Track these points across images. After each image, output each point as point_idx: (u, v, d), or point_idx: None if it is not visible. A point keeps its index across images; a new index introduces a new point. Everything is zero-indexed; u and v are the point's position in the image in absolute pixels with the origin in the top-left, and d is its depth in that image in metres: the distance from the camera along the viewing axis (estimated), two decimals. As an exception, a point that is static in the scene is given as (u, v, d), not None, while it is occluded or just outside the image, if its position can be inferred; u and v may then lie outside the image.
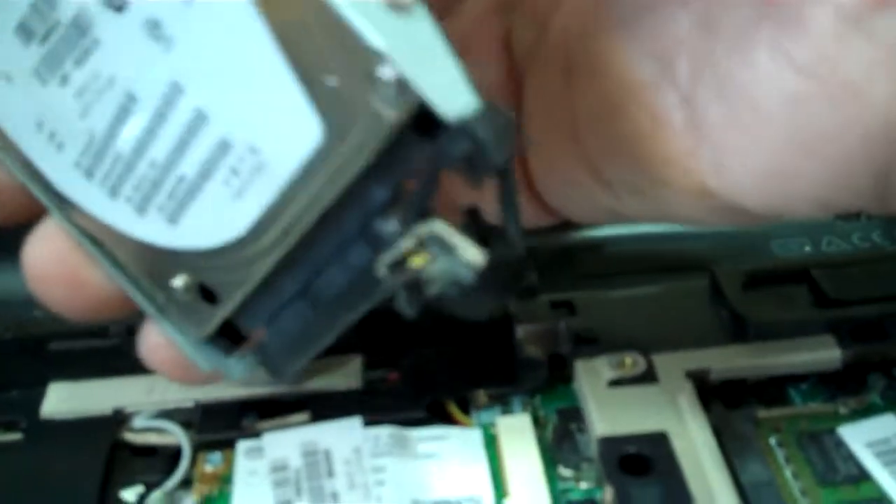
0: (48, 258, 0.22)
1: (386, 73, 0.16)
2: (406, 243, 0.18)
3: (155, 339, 0.22)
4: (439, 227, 0.17)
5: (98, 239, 0.21)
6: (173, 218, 0.20)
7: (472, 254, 0.17)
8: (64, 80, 0.19)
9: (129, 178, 0.20)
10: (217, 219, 0.19)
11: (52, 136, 0.20)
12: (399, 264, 0.18)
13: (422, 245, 0.17)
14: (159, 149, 0.19)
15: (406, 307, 0.18)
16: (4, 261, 0.34)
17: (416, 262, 0.17)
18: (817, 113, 0.18)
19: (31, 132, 0.20)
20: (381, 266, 0.18)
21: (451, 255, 0.17)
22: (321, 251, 0.19)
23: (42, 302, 0.22)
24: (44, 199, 0.21)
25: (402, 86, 0.16)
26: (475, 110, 0.16)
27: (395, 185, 0.18)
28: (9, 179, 0.21)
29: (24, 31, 0.19)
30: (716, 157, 0.20)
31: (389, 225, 0.18)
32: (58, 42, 0.19)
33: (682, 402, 0.27)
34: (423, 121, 0.16)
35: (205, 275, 0.20)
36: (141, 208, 0.20)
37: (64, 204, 0.21)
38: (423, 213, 0.18)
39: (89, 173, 0.20)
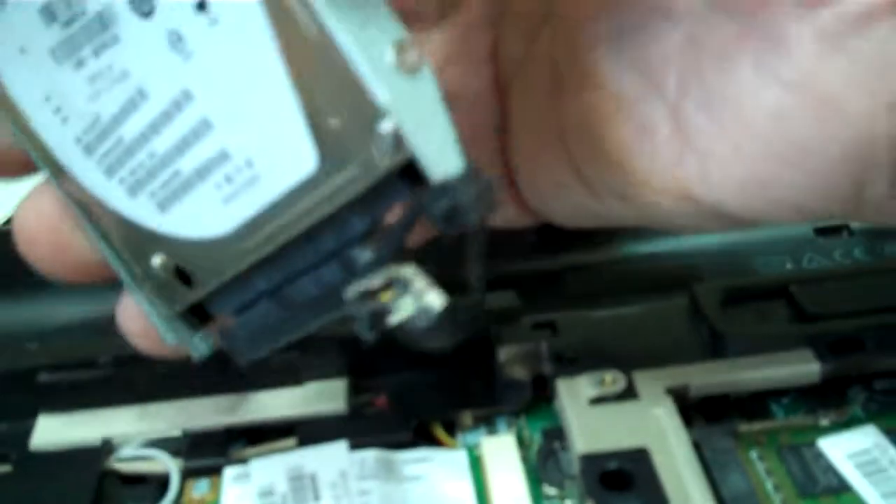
0: (38, 220, 0.23)
1: (386, 127, 0.17)
2: (376, 279, 0.19)
3: (130, 309, 0.23)
4: (407, 271, 0.19)
5: (87, 208, 0.22)
6: (163, 206, 0.20)
7: (432, 298, 0.19)
8: (79, 64, 0.20)
9: (127, 163, 0.20)
10: (204, 216, 0.20)
11: (57, 110, 0.21)
12: (366, 295, 0.19)
13: (389, 283, 0.19)
14: (160, 143, 0.20)
15: (365, 333, 0.19)
16: (8, 291, 0.34)
17: (383, 297, 0.19)
18: (799, 126, 0.19)
19: (37, 102, 0.21)
20: (351, 291, 0.19)
21: (414, 296, 0.19)
22: (297, 262, 0.20)
23: (29, 262, 0.23)
24: (40, 162, 0.22)
25: (399, 141, 0.17)
26: (459, 173, 0.18)
27: (375, 221, 0.19)
28: (7, 139, 0.22)
29: (48, 13, 0.20)
30: (701, 165, 0.21)
31: (364, 255, 0.19)
32: (79, 30, 0.19)
33: (663, 417, 0.27)
34: (411, 171, 0.18)
35: (183, 259, 0.21)
36: (133, 191, 0.21)
37: (59, 171, 0.21)
38: (397, 252, 0.19)
39: (89, 150, 0.21)
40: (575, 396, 0.28)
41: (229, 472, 0.28)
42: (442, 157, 0.17)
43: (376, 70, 0.17)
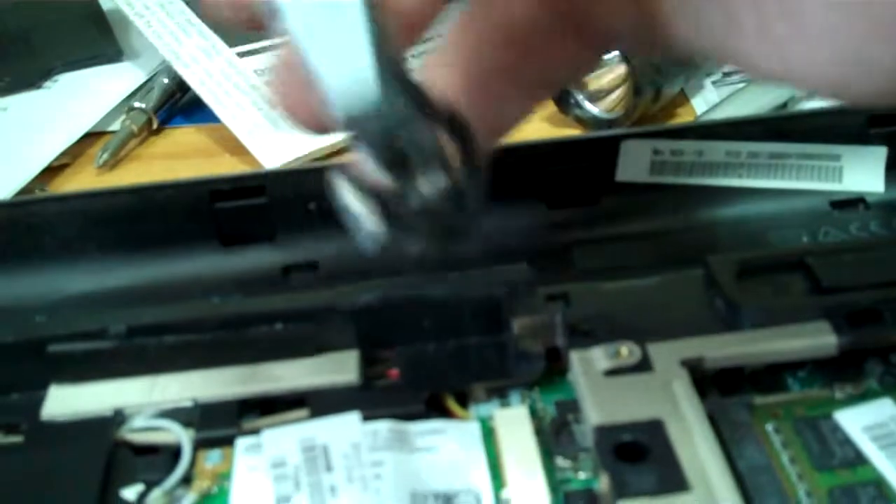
0: None
1: None
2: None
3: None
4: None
5: None
6: None
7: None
8: None
9: None
10: None
11: None
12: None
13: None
14: None
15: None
16: (4, 266, 0.34)
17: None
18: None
19: None
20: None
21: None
22: None
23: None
24: None
25: None
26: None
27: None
28: None
29: None
30: (783, 62, 0.20)
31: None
32: None
33: (678, 389, 0.27)
34: None
35: None
36: None
37: None
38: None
39: None
40: (589, 368, 0.28)
41: (241, 443, 0.28)
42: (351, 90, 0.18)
43: None
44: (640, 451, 0.26)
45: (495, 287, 0.31)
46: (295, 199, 0.35)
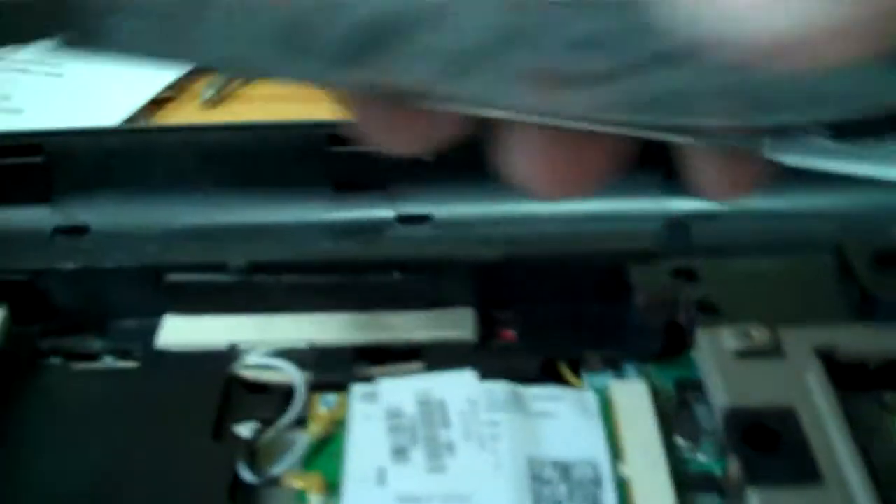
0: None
1: None
2: None
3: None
4: None
5: None
6: None
7: None
8: None
9: None
10: None
11: None
12: None
13: None
14: None
15: None
16: (124, 193, 0.34)
17: None
18: None
19: None
20: None
21: None
22: None
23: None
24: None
25: None
26: None
27: None
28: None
29: None
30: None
31: None
32: None
33: (811, 378, 0.26)
34: None
35: None
36: None
37: None
38: None
39: None
40: (717, 348, 0.27)
41: (357, 390, 0.27)
42: None
43: None
44: (771, 439, 0.25)
45: (619, 255, 0.30)
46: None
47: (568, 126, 0.17)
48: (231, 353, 0.28)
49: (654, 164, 0.34)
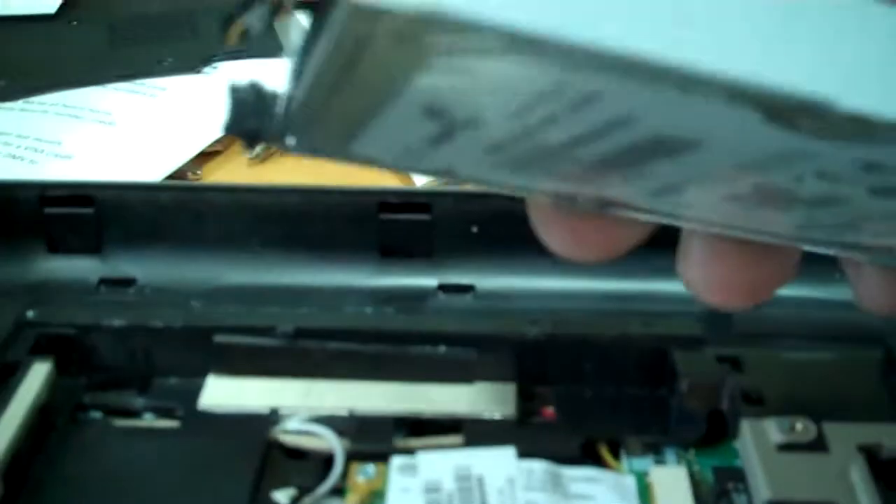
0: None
1: None
2: None
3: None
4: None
5: None
6: None
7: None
8: None
9: None
10: None
11: None
12: None
13: None
14: None
15: None
16: (173, 248, 0.35)
17: None
18: None
19: None
20: None
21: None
22: None
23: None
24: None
25: None
26: None
27: None
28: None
29: None
30: None
31: None
32: None
33: (855, 475, 0.26)
34: None
35: None
36: None
37: None
38: None
39: None
40: (761, 440, 0.27)
41: (397, 462, 0.27)
42: None
43: None
44: (814, 535, 0.24)
45: (663, 339, 0.30)
46: (458, 219, 0.35)
47: (755, 239, 0.17)
48: (272, 418, 0.29)
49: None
